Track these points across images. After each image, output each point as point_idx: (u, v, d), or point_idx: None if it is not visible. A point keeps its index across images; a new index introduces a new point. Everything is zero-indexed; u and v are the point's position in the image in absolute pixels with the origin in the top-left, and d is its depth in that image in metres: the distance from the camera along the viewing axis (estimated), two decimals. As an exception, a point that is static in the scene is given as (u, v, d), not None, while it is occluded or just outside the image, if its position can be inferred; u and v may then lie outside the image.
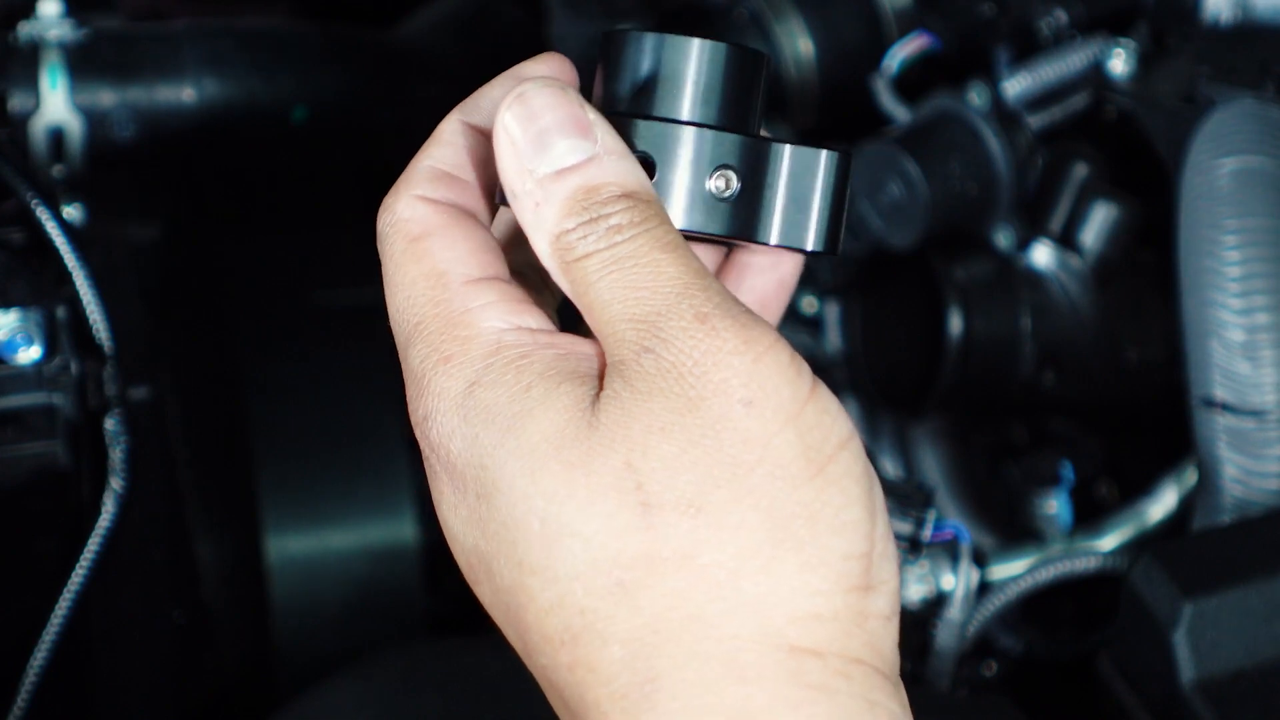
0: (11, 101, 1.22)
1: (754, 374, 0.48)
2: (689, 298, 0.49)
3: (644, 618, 0.48)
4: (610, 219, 0.50)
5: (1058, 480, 1.29)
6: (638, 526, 0.48)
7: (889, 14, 1.46)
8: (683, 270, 0.50)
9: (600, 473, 0.48)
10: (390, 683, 0.87)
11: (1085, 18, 1.30)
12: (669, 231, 0.50)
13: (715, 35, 0.56)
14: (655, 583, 0.48)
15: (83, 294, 1.01)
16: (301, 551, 1.28)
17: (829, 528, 0.48)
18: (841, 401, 0.50)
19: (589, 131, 0.51)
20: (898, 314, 1.33)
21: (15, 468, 1.00)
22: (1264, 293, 1.05)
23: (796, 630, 0.48)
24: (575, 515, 0.48)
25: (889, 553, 0.50)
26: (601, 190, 0.50)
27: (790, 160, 0.53)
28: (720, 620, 0.47)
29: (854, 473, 0.49)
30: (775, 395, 0.48)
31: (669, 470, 0.48)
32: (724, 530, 0.48)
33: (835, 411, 0.50)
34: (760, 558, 0.48)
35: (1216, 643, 0.91)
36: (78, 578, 0.99)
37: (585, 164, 0.51)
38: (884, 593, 0.50)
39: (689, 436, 0.48)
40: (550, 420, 0.49)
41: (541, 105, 0.51)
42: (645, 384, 0.49)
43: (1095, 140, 1.26)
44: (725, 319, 0.49)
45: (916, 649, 1.12)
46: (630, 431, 0.48)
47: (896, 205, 1.26)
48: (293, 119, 1.30)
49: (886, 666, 0.49)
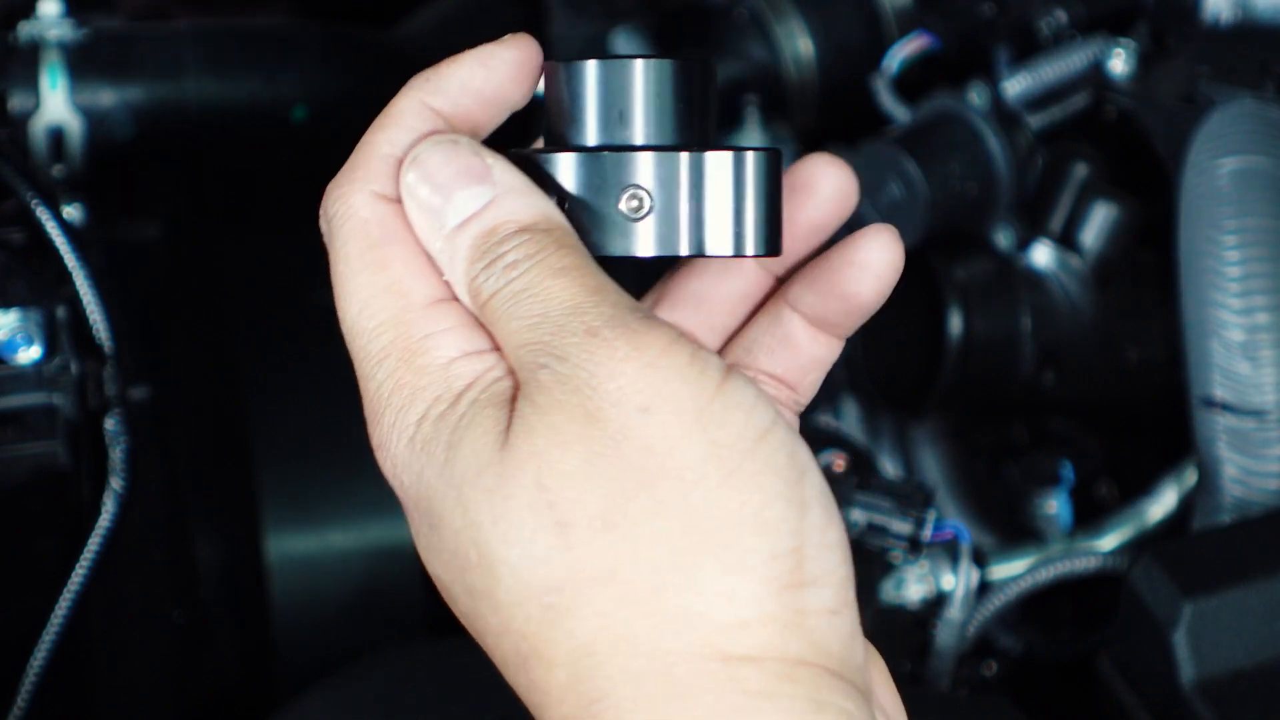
0: (11, 101, 1.21)
1: (649, 379, 0.47)
2: (578, 315, 0.49)
3: (577, 640, 0.47)
4: (505, 257, 0.50)
5: (1058, 480, 1.29)
6: (557, 547, 0.47)
7: (889, 14, 1.46)
8: (575, 291, 0.49)
9: (515, 495, 0.48)
10: (390, 683, 0.87)
11: (1085, 18, 1.30)
12: (564, 256, 0.50)
13: (661, 51, 0.55)
14: (581, 605, 0.47)
15: (83, 294, 1.01)
16: (301, 551, 1.28)
17: (749, 529, 0.47)
18: (841, 402, 0.50)
19: (485, 176, 0.52)
20: (898, 314, 1.33)
21: (15, 468, 1.00)
22: (1264, 293, 1.05)
23: (728, 639, 0.47)
24: (500, 542, 0.48)
25: (829, 542, 0.48)
26: (498, 230, 0.51)
27: (711, 168, 0.52)
28: (650, 636, 0.47)
29: (774, 466, 0.48)
30: (674, 398, 0.47)
31: (577, 487, 0.47)
32: (640, 545, 0.47)
33: (750, 404, 0.48)
34: (681, 569, 0.47)
35: (1216, 643, 0.91)
36: (78, 578, 0.99)
37: (483, 209, 0.51)
38: (825, 586, 0.48)
39: (593, 450, 0.47)
40: (472, 448, 0.49)
41: (436, 164, 0.52)
42: (545, 399, 0.48)
43: (1095, 140, 1.26)
44: (614, 328, 0.48)
45: (916, 649, 1.12)
46: (536, 448, 0.48)
47: (896, 205, 1.26)
48: (293, 119, 1.30)
49: (836, 663, 0.48)
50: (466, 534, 0.49)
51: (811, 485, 0.49)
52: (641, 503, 0.47)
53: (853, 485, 1.10)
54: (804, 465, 0.49)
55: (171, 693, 1.30)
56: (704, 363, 0.48)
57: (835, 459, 1.14)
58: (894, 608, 1.11)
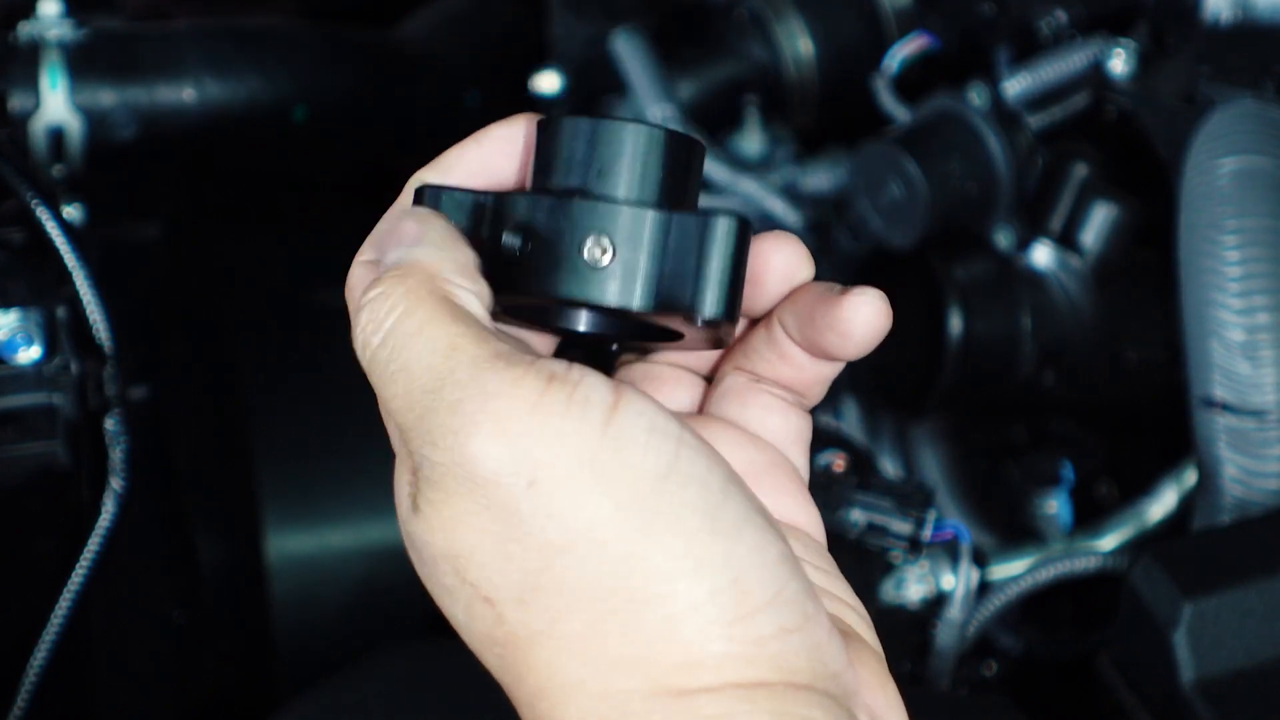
0: (11, 101, 1.22)
1: (523, 446, 0.45)
2: (438, 392, 0.47)
3: (530, 686, 0.47)
4: (360, 317, 0.50)
5: (1058, 480, 1.29)
6: (490, 618, 0.47)
7: (889, 14, 1.46)
8: (429, 358, 0.48)
9: (441, 575, 0.48)
10: (390, 683, 0.87)
11: (1085, 18, 1.30)
12: (416, 315, 0.48)
13: (651, 122, 0.55)
14: (526, 657, 0.47)
15: (83, 294, 1.01)
16: (301, 551, 1.28)
17: (680, 574, 0.46)
18: (841, 402, 0.49)
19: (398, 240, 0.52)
20: (897, 314, 1.33)
21: (15, 468, 1.00)
22: (1264, 293, 1.05)
23: (680, 677, 0.46)
24: (449, 607, 0.49)
25: (769, 560, 0.47)
26: (363, 290, 0.50)
27: (679, 229, 0.51)
28: (599, 679, 0.46)
29: (686, 500, 0.46)
30: (557, 459, 0.45)
31: (493, 570, 0.47)
32: (570, 602, 0.46)
33: (644, 437, 0.46)
34: (618, 619, 0.46)
35: (1216, 643, 0.91)
36: (78, 578, 0.99)
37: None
38: (777, 605, 0.47)
39: (495, 534, 0.46)
40: (400, 510, 0.49)
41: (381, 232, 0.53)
42: (436, 494, 0.47)
43: (1095, 140, 1.26)
44: (476, 399, 0.46)
45: (916, 649, 1.12)
46: (443, 542, 0.47)
47: (896, 205, 1.26)
48: (293, 119, 1.30)
49: (804, 678, 0.47)
50: (427, 589, 0.50)
51: (735, 504, 0.47)
52: (559, 568, 0.46)
53: (853, 485, 1.10)
54: (722, 489, 0.47)
55: (171, 693, 1.30)
56: (583, 403, 0.46)
57: (835, 459, 1.14)
58: (894, 608, 1.11)
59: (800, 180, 1.42)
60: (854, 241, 1.34)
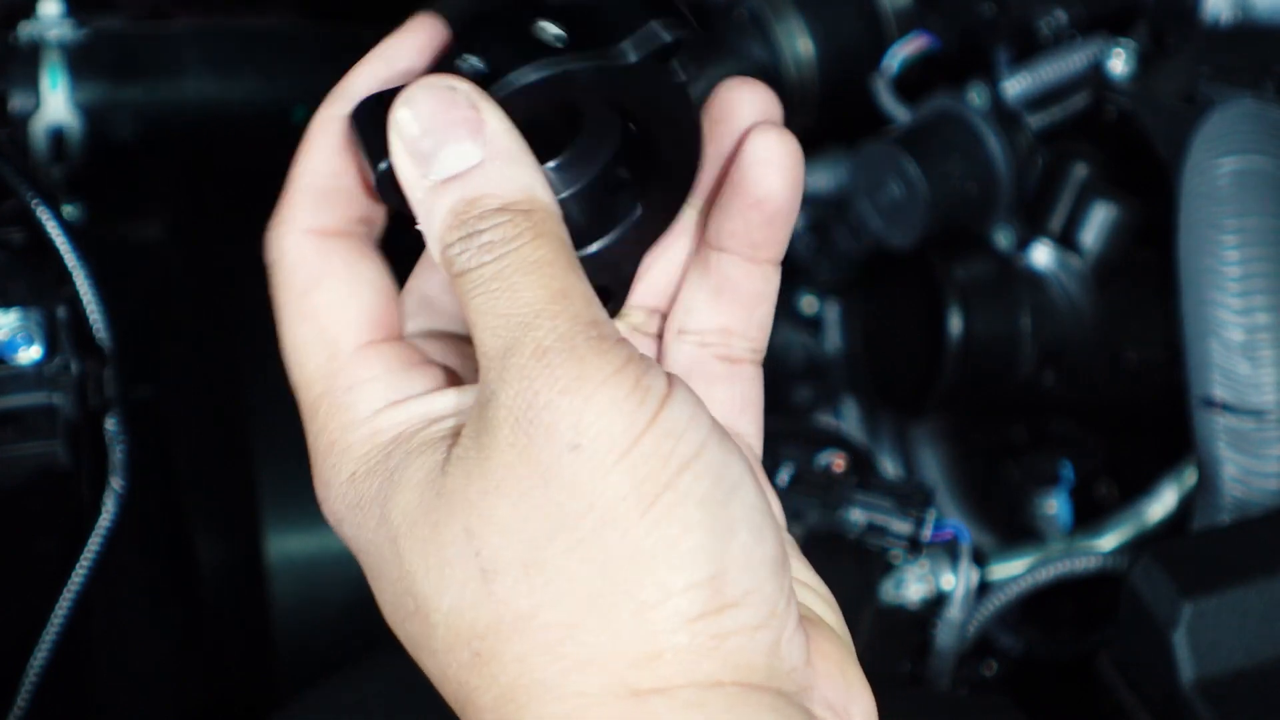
0: (12, 101, 1.22)
1: (582, 414, 0.47)
2: (535, 329, 0.48)
3: (500, 687, 0.48)
4: (482, 236, 0.49)
5: (1058, 480, 1.29)
6: (482, 596, 0.48)
7: (889, 14, 1.46)
8: (538, 294, 0.48)
9: (445, 544, 0.48)
10: (390, 683, 0.87)
11: (1085, 18, 1.30)
12: (538, 247, 0.49)
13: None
14: (502, 650, 0.48)
15: (83, 294, 1.01)
16: (301, 551, 1.28)
17: (665, 563, 0.47)
18: (841, 402, 0.50)
19: (478, 133, 0.50)
20: (898, 314, 1.33)
21: (15, 468, 1.00)
22: (1264, 293, 1.05)
23: (637, 674, 0.47)
24: (432, 592, 0.49)
25: (755, 561, 0.48)
26: (479, 204, 0.49)
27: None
28: (562, 680, 0.47)
29: (695, 494, 0.47)
30: (605, 434, 0.47)
31: (503, 533, 0.47)
32: (559, 587, 0.47)
33: (680, 431, 0.47)
34: (596, 610, 0.47)
35: (1216, 643, 0.91)
36: (78, 578, 0.99)
37: (469, 173, 0.49)
38: (749, 604, 0.48)
39: (520, 491, 0.47)
40: (406, 498, 0.49)
41: (430, 110, 0.50)
42: (487, 437, 0.48)
43: (1095, 140, 1.26)
44: (563, 352, 0.47)
45: (916, 649, 1.12)
46: (469, 495, 0.48)
47: (896, 205, 1.26)
48: (293, 119, 1.30)
49: (760, 677, 0.48)
50: (403, 584, 0.49)
51: (740, 505, 0.48)
52: (561, 544, 0.47)
53: (853, 485, 1.10)
54: (733, 486, 0.48)
55: (171, 693, 1.30)
56: (644, 392, 0.47)
57: (835, 459, 1.14)
58: (894, 608, 1.11)
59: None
60: (854, 241, 1.34)
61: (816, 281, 1.41)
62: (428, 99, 0.50)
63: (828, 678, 0.51)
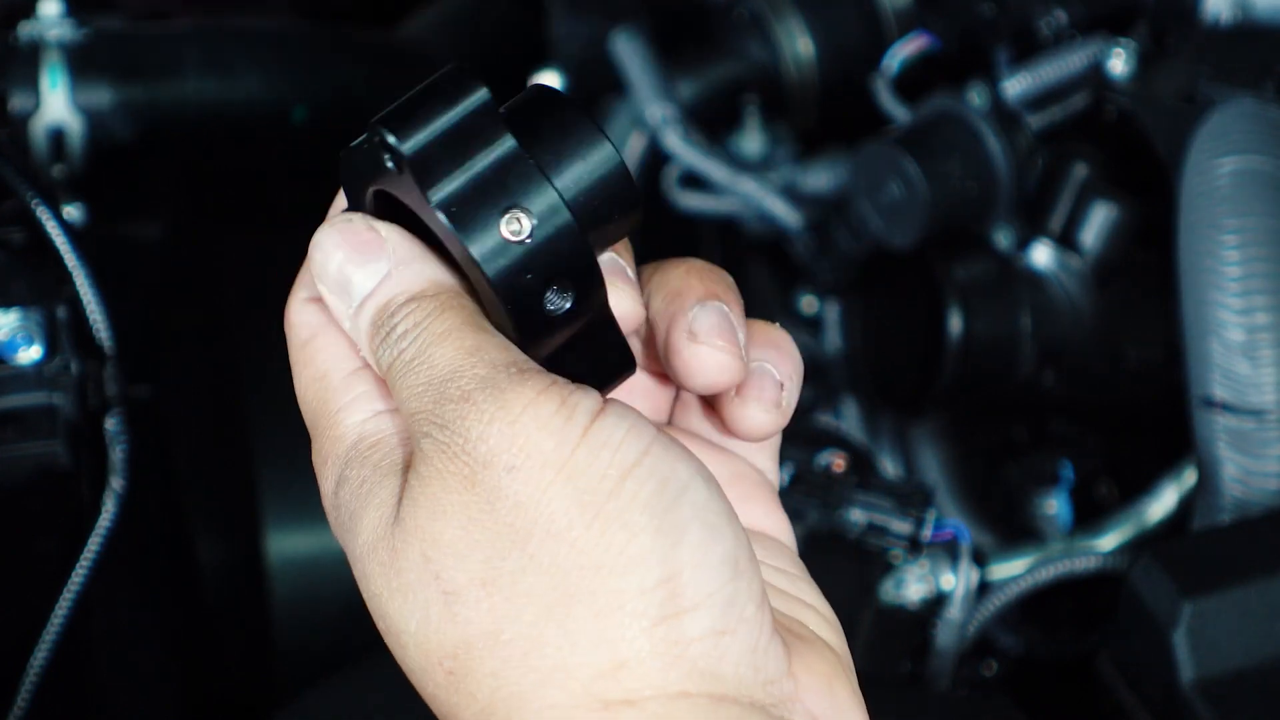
0: (12, 101, 1.21)
1: (513, 438, 0.48)
2: (455, 380, 0.50)
3: (479, 704, 0.49)
4: (396, 329, 0.52)
5: (1058, 480, 1.29)
6: (446, 618, 0.49)
7: (889, 14, 1.46)
8: (452, 356, 0.51)
9: (405, 570, 0.50)
10: (390, 683, 0.87)
11: (1085, 18, 1.30)
12: (446, 319, 0.52)
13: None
14: (475, 667, 0.49)
15: (83, 294, 1.01)
16: (301, 551, 1.28)
17: (613, 569, 0.48)
18: (841, 402, 0.50)
19: (380, 251, 0.54)
20: (898, 314, 1.33)
21: (15, 468, 1.00)
22: (1264, 293, 1.05)
23: (605, 684, 0.47)
24: (397, 616, 0.50)
25: (711, 562, 0.48)
26: (390, 304, 0.53)
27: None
28: (535, 693, 0.48)
29: (640, 498, 0.48)
30: (537, 452, 0.48)
31: (457, 554, 0.49)
32: (517, 603, 0.48)
33: (618, 441, 0.49)
34: (554, 621, 0.48)
35: (1216, 643, 0.91)
36: (78, 578, 0.99)
37: (380, 284, 0.53)
38: (709, 609, 0.48)
39: (469, 515, 0.49)
40: (369, 521, 0.51)
41: (333, 244, 0.54)
42: (428, 469, 0.50)
43: (1095, 140, 1.26)
44: (484, 390, 0.49)
45: (916, 649, 1.12)
46: (420, 522, 0.49)
47: (896, 205, 1.26)
48: (293, 119, 1.30)
49: (730, 686, 0.48)
50: (374, 604, 0.51)
51: (690, 505, 0.49)
52: (514, 561, 0.48)
53: (853, 485, 1.10)
54: (681, 486, 0.49)
55: (171, 693, 1.30)
56: (571, 409, 0.49)
57: (835, 459, 1.14)
58: (894, 608, 1.11)
59: (800, 180, 1.42)
60: (854, 241, 1.34)
61: (816, 281, 1.41)
62: (330, 235, 0.54)
63: (814, 692, 0.51)
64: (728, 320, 0.54)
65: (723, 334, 0.54)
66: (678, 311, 0.55)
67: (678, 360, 0.55)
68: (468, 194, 0.51)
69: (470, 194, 0.51)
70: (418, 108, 0.53)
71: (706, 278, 0.56)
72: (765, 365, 0.56)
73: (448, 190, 0.51)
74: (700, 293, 0.55)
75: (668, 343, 0.55)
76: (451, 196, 0.51)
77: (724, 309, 0.55)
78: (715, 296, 0.55)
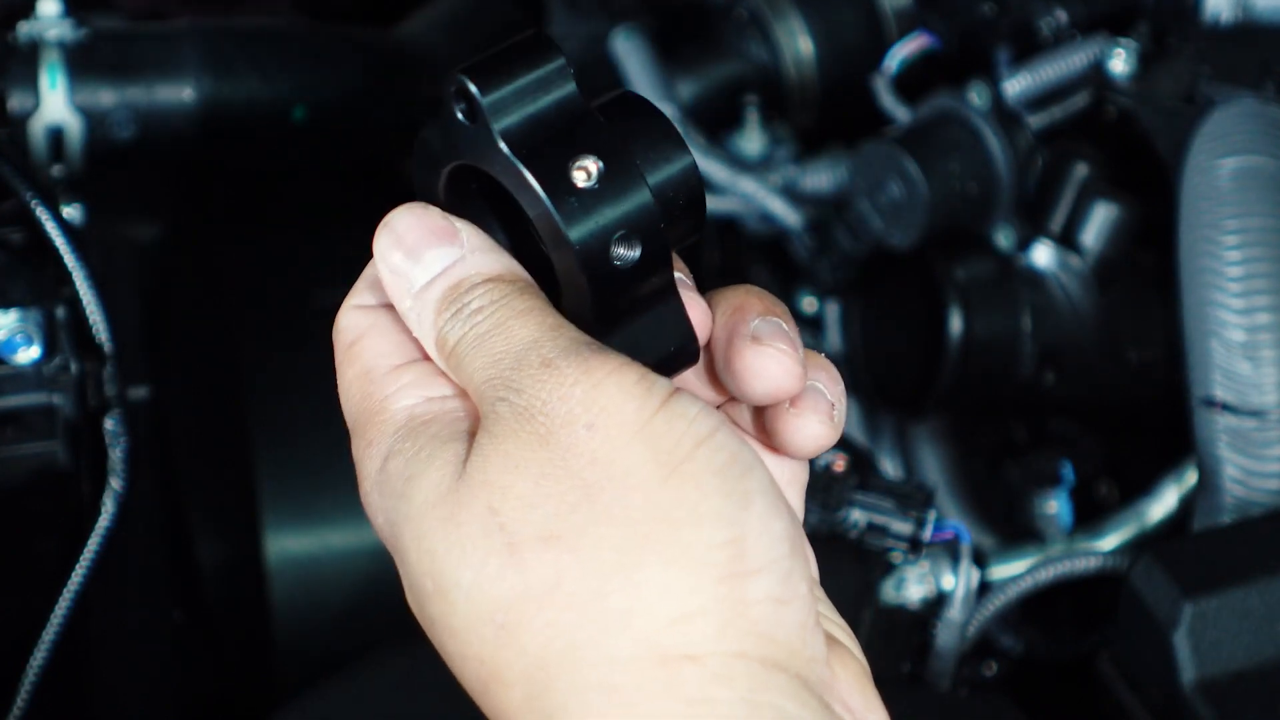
0: (11, 101, 1.21)
1: (594, 398, 0.50)
2: (536, 349, 0.51)
3: (530, 657, 0.49)
4: (471, 304, 0.53)
5: (1058, 480, 1.29)
6: (507, 567, 0.49)
7: (889, 14, 1.46)
8: (534, 328, 0.52)
9: (468, 523, 0.50)
10: (390, 683, 0.87)
11: (1085, 18, 1.30)
12: (527, 299, 0.53)
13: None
14: (531, 619, 0.49)
15: (83, 294, 1.01)
16: (301, 551, 1.28)
17: (686, 522, 0.49)
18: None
19: (454, 237, 0.55)
20: (898, 314, 1.33)
21: (15, 468, 1.00)
22: (1264, 293, 1.05)
23: (669, 636, 0.48)
24: (454, 569, 0.50)
25: (774, 532, 0.50)
26: (465, 283, 0.54)
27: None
28: (594, 644, 0.48)
29: (714, 464, 0.50)
30: (618, 414, 0.50)
31: (526, 506, 0.49)
32: (583, 552, 0.49)
33: (693, 415, 0.50)
34: (622, 571, 0.48)
35: (1216, 643, 0.91)
36: (78, 578, 0.99)
37: (452, 266, 0.54)
38: (770, 574, 0.49)
39: (541, 469, 0.50)
40: (430, 480, 0.51)
41: (405, 226, 0.55)
42: (501, 429, 0.50)
43: (1095, 140, 1.26)
44: (567, 358, 0.51)
45: (917, 649, 1.12)
46: (489, 476, 0.50)
47: (896, 205, 1.26)
48: (293, 119, 1.30)
49: (783, 653, 0.49)
50: (423, 564, 0.51)
51: (756, 480, 0.50)
52: (584, 513, 0.49)
53: (853, 485, 1.10)
54: (748, 464, 0.50)
55: (171, 693, 1.30)
56: (650, 382, 0.50)
57: (835, 459, 1.14)
58: (894, 608, 1.11)
59: (800, 180, 1.42)
60: (854, 241, 1.34)
61: (816, 281, 1.41)
62: (402, 219, 0.55)
63: (848, 686, 0.52)
64: (789, 333, 0.56)
65: (786, 340, 0.55)
66: (739, 322, 0.56)
67: (740, 364, 0.55)
68: (537, 137, 0.52)
69: (540, 138, 0.52)
70: (498, 63, 0.54)
71: (765, 298, 0.57)
72: (817, 384, 0.57)
73: (518, 132, 0.52)
74: (760, 309, 0.56)
75: (730, 349, 0.56)
76: (521, 137, 0.52)
77: (783, 325, 0.56)
78: (775, 314, 0.56)
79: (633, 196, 0.53)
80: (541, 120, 0.53)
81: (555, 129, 0.53)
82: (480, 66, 0.53)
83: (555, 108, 0.53)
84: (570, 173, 0.52)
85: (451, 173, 0.55)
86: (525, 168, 0.52)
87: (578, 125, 0.53)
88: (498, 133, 0.52)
